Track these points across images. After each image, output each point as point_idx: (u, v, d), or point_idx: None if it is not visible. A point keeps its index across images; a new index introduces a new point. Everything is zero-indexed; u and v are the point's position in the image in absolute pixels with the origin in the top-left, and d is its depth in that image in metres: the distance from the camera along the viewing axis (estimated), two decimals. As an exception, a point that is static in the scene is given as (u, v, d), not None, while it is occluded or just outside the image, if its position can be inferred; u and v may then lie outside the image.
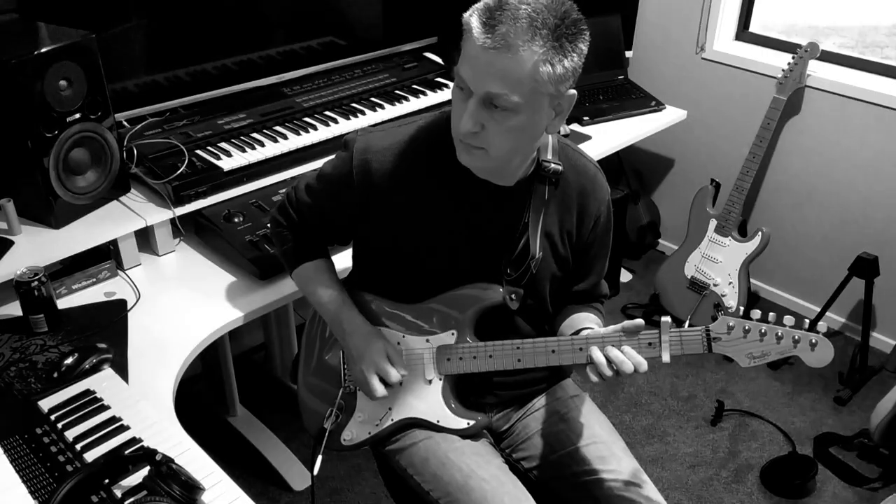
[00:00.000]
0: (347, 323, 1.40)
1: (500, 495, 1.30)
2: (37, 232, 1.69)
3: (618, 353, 1.25)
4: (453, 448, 1.39)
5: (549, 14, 1.11)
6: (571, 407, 1.50)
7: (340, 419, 1.46)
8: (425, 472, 1.38)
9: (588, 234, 1.42)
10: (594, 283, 1.50)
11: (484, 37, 1.11)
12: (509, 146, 1.22)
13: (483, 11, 1.13)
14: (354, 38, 2.43)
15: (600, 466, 1.39)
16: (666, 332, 1.27)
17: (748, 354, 1.27)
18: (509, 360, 1.35)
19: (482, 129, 1.18)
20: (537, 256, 1.35)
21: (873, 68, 2.65)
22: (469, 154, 1.24)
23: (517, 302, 1.38)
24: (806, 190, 2.86)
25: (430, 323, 1.39)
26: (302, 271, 1.49)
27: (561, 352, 1.32)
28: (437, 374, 1.39)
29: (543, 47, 1.11)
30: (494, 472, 1.35)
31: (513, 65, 1.11)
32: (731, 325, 1.26)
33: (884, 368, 2.71)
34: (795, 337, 1.24)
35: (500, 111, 1.16)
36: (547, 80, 1.14)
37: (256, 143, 1.96)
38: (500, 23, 1.11)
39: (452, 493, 1.33)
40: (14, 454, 1.18)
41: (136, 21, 1.94)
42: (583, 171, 1.40)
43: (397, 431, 1.44)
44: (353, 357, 1.39)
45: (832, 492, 2.26)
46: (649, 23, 3.03)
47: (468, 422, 1.40)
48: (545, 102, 1.18)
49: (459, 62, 1.18)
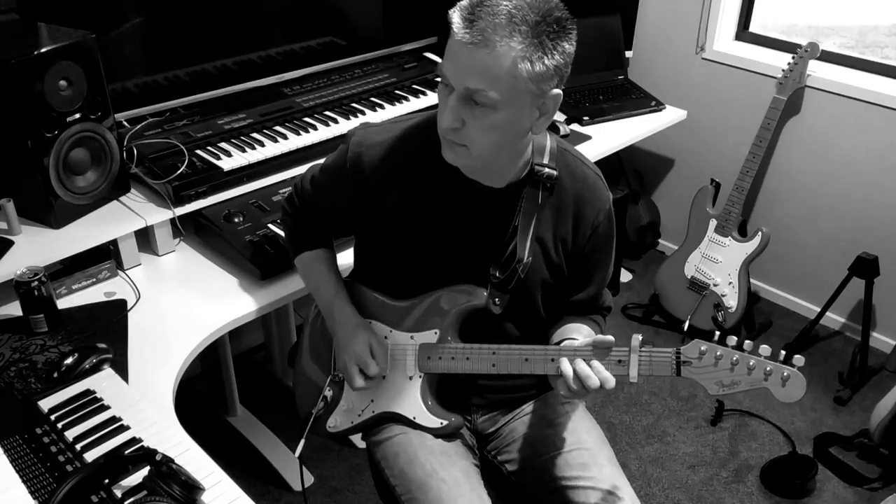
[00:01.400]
0: (338, 313, 1.42)
1: (455, 497, 1.30)
2: (37, 232, 1.69)
3: (584, 367, 1.23)
4: (424, 446, 1.39)
5: (531, 11, 1.11)
6: (561, 413, 1.49)
7: (327, 406, 1.47)
8: (395, 467, 1.39)
9: (585, 243, 1.39)
10: (593, 295, 1.47)
11: (463, 32, 1.12)
12: (490, 143, 1.21)
13: (465, 7, 1.14)
14: (354, 38, 2.43)
15: (580, 473, 1.38)
16: (636, 350, 1.26)
17: (717, 382, 1.24)
18: (485, 364, 1.35)
19: (463, 126, 1.18)
20: (525, 260, 1.34)
21: (873, 68, 2.65)
22: (452, 151, 1.24)
23: (500, 307, 1.37)
24: (806, 190, 2.86)
25: (416, 320, 1.40)
26: (302, 259, 1.53)
27: (533, 361, 1.32)
28: (417, 371, 1.40)
29: (522, 44, 1.11)
30: (456, 473, 1.35)
31: (490, 60, 1.11)
32: (704, 349, 1.23)
33: (884, 368, 2.71)
34: (767, 369, 1.21)
35: (480, 107, 1.16)
36: (526, 78, 1.13)
37: (256, 143, 1.96)
38: (479, 18, 1.11)
39: (413, 490, 1.34)
40: (14, 454, 1.18)
41: (136, 21, 1.94)
42: (581, 177, 1.37)
43: (377, 424, 1.46)
44: (339, 347, 1.41)
45: (832, 492, 2.26)
46: (649, 23, 3.03)
47: (442, 421, 1.41)
48: (527, 101, 1.17)
49: (443, 58, 1.18)
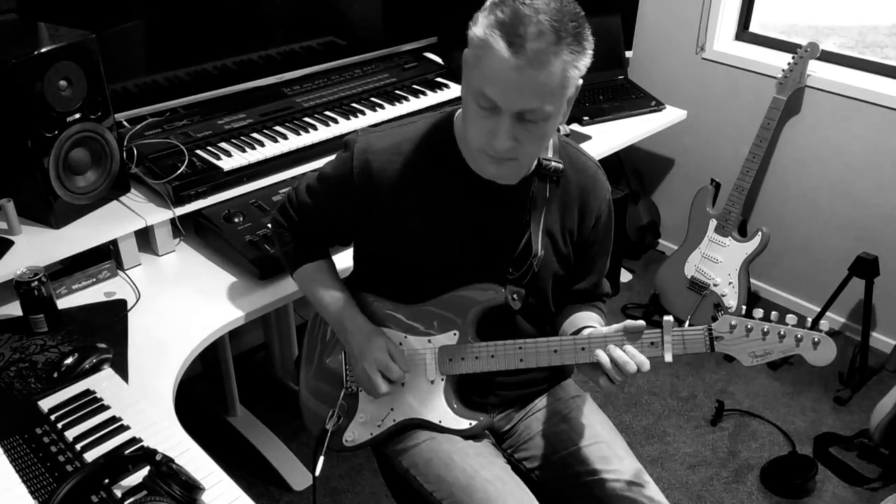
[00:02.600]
0: (349, 322, 1.40)
1: (504, 496, 1.30)
2: (37, 232, 1.69)
3: (621, 354, 1.25)
4: (456, 449, 1.38)
5: (566, 18, 1.10)
6: (573, 407, 1.50)
7: (342, 420, 1.45)
8: (428, 474, 1.38)
9: (589, 233, 1.42)
10: (595, 282, 1.50)
11: (512, 56, 1.09)
12: (540, 150, 1.26)
13: (502, 28, 1.10)
14: (354, 38, 2.43)
15: (602, 466, 1.39)
16: (669, 331, 1.27)
17: (750, 353, 1.27)
18: (512, 360, 1.35)
19: (516, 142, 1.18)
20: (539, 255, 1.35)
21: (873, 68, 2.65)
22: (499, 166, 1.23)
23: (519, 302, 1.37)
24: (806, 190, 2.86)
25: (432, 323, 1.39)
26: (303, 272, 1.49)
27: (563, 351, 1.32)
28: (438, 374, 1.39)
29: (571, 54, 1.11)
30: (498, 472, 1.35)
31: (545, 78, 1.11)
32: (734, 324, 1.26)
33: (884, 368, 2.71)
34: (798, 335, 1.25)
35: (532, 123, 1.16)
36: (573, 81, 1.16)
37: (256, 143, 1.96)
38: (527, 40, 1.08)
39: (456, 493, 1.32)
40: (14, 454, 1.17)
41: (136, 21, 1.94)
42: (583, 169, 1.40)
43: (399, 432, 1.44)
44: (354, 356, 1.39)
45: (832, 492, 2.26)
46: (649, 23, 3.03)
47: (470, 422, 1.40)
48: (566, 99, 1.19)
49: (478, 81, 1.14)
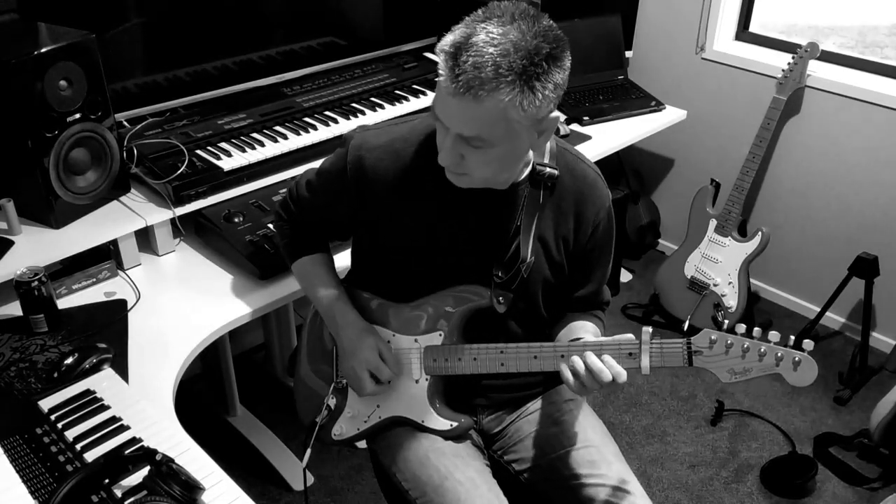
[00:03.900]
0: (340, 317, 1.41)
1: (473, 498, 1.30)
2: (37, 232, 1.69)
3: (596, 361, 1.23)
4: (434, 448, 1.39)
5: (517, 56, 1.07)
6: (566, 411, 1.49)
7: (331, 414, 1.47)
8: (406, 471, 1.38)
9: (586, 241, 1.40)
10: (594, 291, 1.48)
11: (448, 82, 1.09)
12: (492, 172, 1.23)
13: (450, 52, 1.10)
14: (354, 38, 2.43)
15: (588, 471, 1.38)
16: (647, 343, 1.25)
17: (729, 370, 1.24)
18: (493, 363, 1.35)
19: (462, 159, 1.19)
20: (528, 260, 1.34)
21: (873, 68, 2.65)
22: (455, 177, 1.25)
23: (505, 306, 1.36)
24: (806, 190, 2.86)
25: (419, 323, 1.39)
26: (300, 265, 1.51)
27: (543, 358, 1.31)
28: (423, 374, 1.40)
29: (510, 94, 1.08)
30: (472, 474, 1.35)
31: (480, 111, 1.10)
32: (714, 339, 1.24)
33: (884, 368, 2.71)
34: (778, 354, 1.21)
35: (477, 148, 1.16)
36: (521, 119, 1.13)
37: (256, 143, 1.96)
38: (463, 71, 1.07)
39: (428, 493, 1.33)
40: (14, 454, 1.18)
41: (136, 21, 1.94)
42: (581, 176, 1.38)
43: (384, 429, 1.45)
44: (345, 352, 1.40)
45: (832, 492, 2.26)
46: (649, 23, 3.02)
47: (451, 423, 1.41)
48: (523, 133, 1.17)
49: (434, 97, 1.17)
